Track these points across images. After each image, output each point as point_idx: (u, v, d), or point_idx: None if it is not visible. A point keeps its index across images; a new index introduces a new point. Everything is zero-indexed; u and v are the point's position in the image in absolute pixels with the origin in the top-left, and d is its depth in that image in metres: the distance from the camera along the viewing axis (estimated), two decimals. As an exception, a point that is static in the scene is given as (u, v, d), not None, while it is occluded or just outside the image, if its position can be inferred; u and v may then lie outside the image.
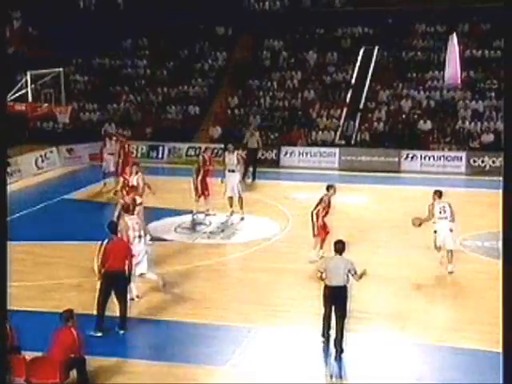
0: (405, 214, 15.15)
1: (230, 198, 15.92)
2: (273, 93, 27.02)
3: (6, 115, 6.32)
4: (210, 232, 15.12)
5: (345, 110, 25.71)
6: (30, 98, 16.18)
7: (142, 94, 27.86)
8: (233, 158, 16.22)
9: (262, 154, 23.34)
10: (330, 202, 13.06)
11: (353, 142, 24.72)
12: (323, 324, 9.49)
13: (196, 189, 15.91)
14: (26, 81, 16.19)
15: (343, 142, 24.65)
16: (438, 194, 12.32)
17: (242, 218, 15.85)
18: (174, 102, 27.33)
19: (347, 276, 9.15)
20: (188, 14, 28.02)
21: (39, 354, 8.26)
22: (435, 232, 12.29)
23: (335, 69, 27.37)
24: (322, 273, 9.24)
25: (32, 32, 29.20)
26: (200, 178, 16.03)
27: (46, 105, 16.62)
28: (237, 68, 28.54)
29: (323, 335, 9.57)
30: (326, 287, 9.22)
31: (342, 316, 9.14)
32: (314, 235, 12.85)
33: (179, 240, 14.58)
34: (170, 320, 10.40)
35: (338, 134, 25.03)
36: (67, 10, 29.20)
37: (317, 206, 12.90)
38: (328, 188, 13.23)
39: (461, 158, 22.67)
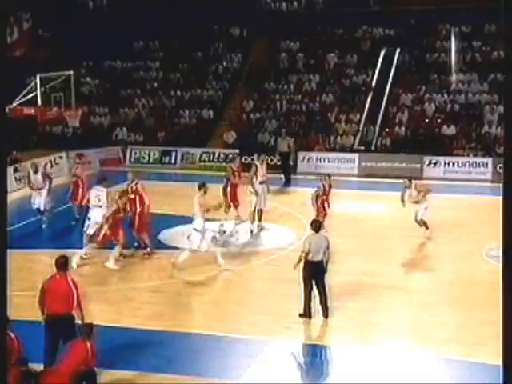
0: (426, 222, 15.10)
1: (260, 211, 15.85)
2: (290, 96, 27.07)
3: (5, 117, 6.44)
4: (225, 241, 15.16)
5: (365, 115, 25.70)
6: (39, 102, 16.34)
7: (155, 97, 28.05)
8: (263, 171, 16.15)
9: (278, 160, 23.36)
10: (328, 188, 14.96)
11: (373, 147, 24.68)
12: (305, 300, 10.67)
13: (225, 201, 15.77)
14: (36, 84, 16.36)
15: (363, 148, 24.63)
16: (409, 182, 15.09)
17: (262, 228, 15.90)
18: (187, 106, 27.49)
19: (325, 252, 10.66)
20: (202, 15, 28.20)
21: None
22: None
23: (355, 71, 27.37)
24: (306, 253, 10.51)
25: (42, 34, 29.52)
26: (228, 189, 16.07)
27: (56, 108, 16.78)
28: (252, 70, 28.64)
29: (305, 311, 10.67)
30: (309, 263, 10.55)
31: (323, 286, 10.73)
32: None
33: (192, 248, 14.61)
34: (182, 332, 10.44)
35: (358, 139, 25.01)
36: (77, 11, 29.51)
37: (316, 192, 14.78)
38: (328, 177, 15.18)
39: (486, 164, 22.54)
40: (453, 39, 27.12)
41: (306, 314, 10.75)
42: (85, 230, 13.66)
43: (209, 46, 29.60)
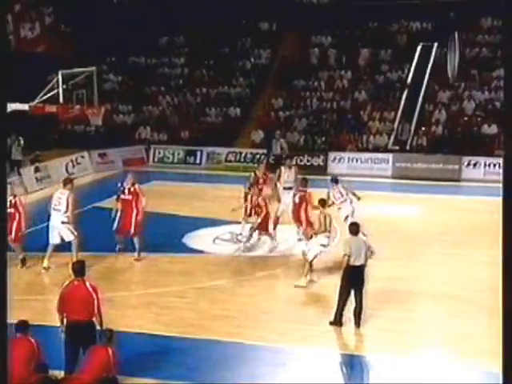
0: (464, 227, 14.97)
1: (277, 219, 15.45)
2: (320, 93, 27.04)
3: (5, 116, 6.58)
4: (251, 244, 15.19)
5: (399, 113, 25.55)
6: (61, 99, 16.54)
7: (180, 94, 28.23)
8: (291, 175, 15.91)
9: (308, 160, 23.35)
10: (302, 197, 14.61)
11: (408, 147, 24.52)
12: (338, 307, 10.63)
13: (245, 207, 15.73)
14: (57, 81, 16.56)
15: (397, 148, 24.49)
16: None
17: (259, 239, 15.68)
18: (213, 104, 27.62)
19: (366, 255, 10.61)
20: (230, 8, 28.33)
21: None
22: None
23: (389, 67, 27.23)
24: (349, 256, 10.45)
25: (64, 29, 29.94)
26: (251, 196, 15.95)
27: (78, 106, 16.97)
28: (282, 67, 28.68)
29: (336, 319, 10.61)
30: (351, 268, 10.50)
31: (361, 291, 10.66)
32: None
33: (218, 252, 14.70)
34: (206, 339, 10.50)
35: (392, 138, 24.87)
36: (101, 5, 29.84)
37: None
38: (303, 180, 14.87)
39: (530, 165, 22.20)
40: (495, 33, 26.81)
41: (337, 322, 10.74)
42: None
43: (236, 41, 29.70)
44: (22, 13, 27.93)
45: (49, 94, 16.51)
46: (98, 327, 8.70)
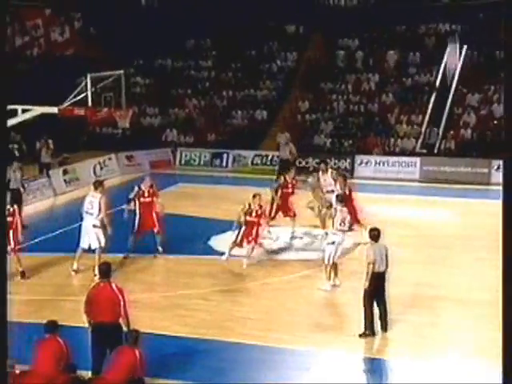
0: (492, 231, 14.71)
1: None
2: (347, 96, 26.99)
3: (5, 116, 6.70)
4: (278, 248, 15.22)
5: (427, 116, 25.38)
6: (89, 102, 16.74)
7: (206, 97, 28.38)
8: (328, 179, 15.90)
9: (334, 163, 23.31)
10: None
11: (436, 150, 24.35)
12: (368, 318, 10.49)
13: (271, 210, 15.75)
14: (86, 84, 16.77)
15: (425, 151, 24.33)
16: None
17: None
18: (239, 107, 27.71)
19: (387, 260, 10.64)
20: (256, 11, 28.41)
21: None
22: None
23: (417, 70, 27.07)
24: (373, 263, 10.42)
25: (93, 32, 30.32)
26: (279, 200, 15.92)
27: (106, 109, 17.16)
28: (308, 69, 28.68)
29: (369, 329, 10.47)
30: (376, 274, 10.46)
31: (384, 296, 10.67)
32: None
33: (243, 255, 14.75)
34: (232, 341, 10.55)
35: (420, 141, 24.72)
36: (129, 9, 30.15)
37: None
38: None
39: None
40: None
41: (370, 333, 10.54)
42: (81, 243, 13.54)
43: (263, 44, 29.77)
44: (53, 17, 28.35)
45: (78, 97, 16.71)
46: (125, 328, 8.80)
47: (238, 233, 13.88)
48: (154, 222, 14.35)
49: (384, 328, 10.68)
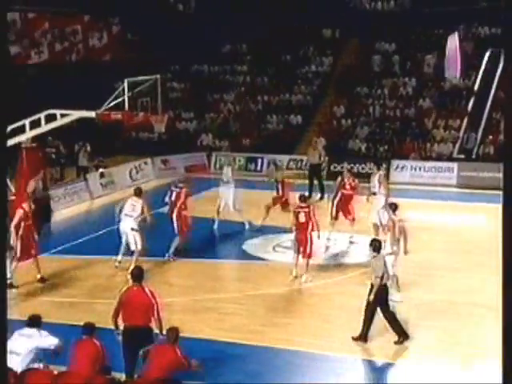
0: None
1: (375, 225, 15.27)
2: (383, 101, 26.81)
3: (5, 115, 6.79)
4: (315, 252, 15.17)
5: (465, 120, 25.07)
6: (126, 106, 16.97)
7: (241, 102, 28.48)
8: (374, 180, 15.81)
9: (370, 169, 23.15)
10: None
11: (474, 155, 24.02)
12: (364, 328, 10.41)
13: (332, 212, 15.79)
14: (123, 88, 17.01)
15: (463, 156, 24.02)
16: None
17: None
18: (274, 111, 27.74)
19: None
20: (292, 15, 28.42)
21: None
22: None
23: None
24: (381, 277, 10.33)
25: (131, 38, 30.71)
26: (337, 200, 15.93)
27: (142, 113, 17.37)
28: (344, 74, 28.58)
29: (362, 335, 10.40)
30: (381, 286, 10.33)
31: (389, 308, 10.52)
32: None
33: (278, 260, 14.76)
34: (265, 346, 10.56)
35: (457, 146, 24.42)
36: (166, 14, 30.46)
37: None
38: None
39: None
40: None
41: (363, 338, 10.49)
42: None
43: (298, 48, 29.77)
44: (91, 23, 28.80)
45: (115, 102, 16.95)
46: (158, 332, 8.85)
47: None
48: (184, 224, 14.55)
49: (403, 338, 10.44)
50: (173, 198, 14.83)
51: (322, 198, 20.20)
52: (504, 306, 5.53)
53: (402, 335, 10.49)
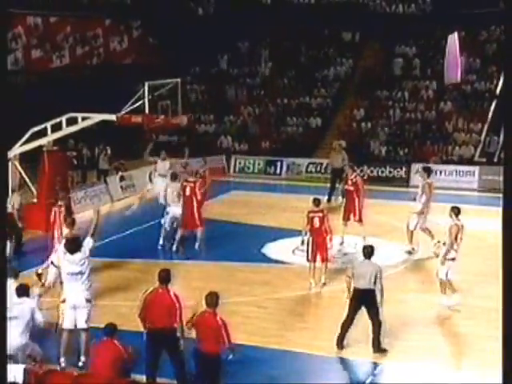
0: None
1: (411, 232, 15.22)
2: (404, 104, 26.72)
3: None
4: (332, 256, 15.16)
5: (487, 124, 24.90)
6: (146, 110, 17.09)
7: (261, 105, 28.52)
8: (420, 187, 15.53)
9: (390, 172, 23.07)
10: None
11: (495, 159, 23.85)
12: (341, 331, 10.30)
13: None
14: (144, 91, 17.14)
15: (484, 160, 23.86)
16: None
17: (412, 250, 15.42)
18: (294, 114, 27.75)
19: (375, 280, 10.18)
20: (312, 18, 28.43)
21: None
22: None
23: (477, 77, 26.60)
24: (350, 278, 10.30)
25: (151, 41, 30.92)
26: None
27: (163, 116, 17.49)
28: (364, 77, 28.53)
29: (338, 342, 10.29)
30: (355, 290, 10.31)
31: (374, 317, 10.22)
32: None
33: (298, 263, 14.76)
34: (286, 350, 10.57)
35: (479, 150, 24.27)
36: (186, 17, 30.62)
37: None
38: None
39: None
40: None
41: (338, 344, 10.40)
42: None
43: (318, 50, 29.76)
44: (112, 27, 29.04)
45: (135, 105, 17.08)
46: (179, 335, 8.90)
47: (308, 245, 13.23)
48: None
49: (376, 347, 10.25)
50: (187, 192, 15.05)
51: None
52: (504, 308, 5.54)
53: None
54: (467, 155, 24.27)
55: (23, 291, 9.10)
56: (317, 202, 13.25)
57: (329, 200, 19.70)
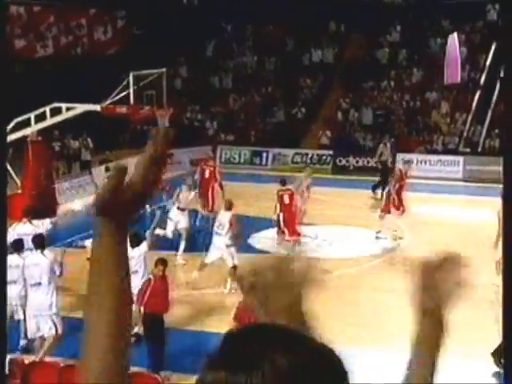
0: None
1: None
2: (389, 94, 26.75)
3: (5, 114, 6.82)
4: (317, 245, 15.23)
5: (471, 114, 25.02)
6: (131, 100, 17.01)
7: (247, 94, 28.44)
8: None
9: (375, 162, 23.16)
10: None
11: (480, 149, 24.00)
12: None
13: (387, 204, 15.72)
14: (128, 82, 17.05)
15: (468, 150, 23.99)
16: None
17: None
18: (279, 104, 27.70)
19: None
20: (298, 8, 28.35)
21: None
22: None
23: (462, 66, 26.65)
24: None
25: (135, 31, 30.70)
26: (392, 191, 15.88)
27: (148, 107, 17.41)
28: (349, 67, 28.53)
29: None
30: None
31: None
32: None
33: (283, 253, 14.77)
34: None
35: (463, 140, 24.38)
36: (170, 6, 30.42)
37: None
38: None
39: None
40: None
41: None
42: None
43: (304, 41, 29.70)
44: (96, 16, 28.81)
45: (120, 95, 16.99)
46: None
47: None
48: None
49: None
50: (206, 175, 15.12)
51: None
52: (504, 302, 5.54)
53: None
54: (452, 145, 24.39)
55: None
56: (283, 182, 14.84)
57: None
